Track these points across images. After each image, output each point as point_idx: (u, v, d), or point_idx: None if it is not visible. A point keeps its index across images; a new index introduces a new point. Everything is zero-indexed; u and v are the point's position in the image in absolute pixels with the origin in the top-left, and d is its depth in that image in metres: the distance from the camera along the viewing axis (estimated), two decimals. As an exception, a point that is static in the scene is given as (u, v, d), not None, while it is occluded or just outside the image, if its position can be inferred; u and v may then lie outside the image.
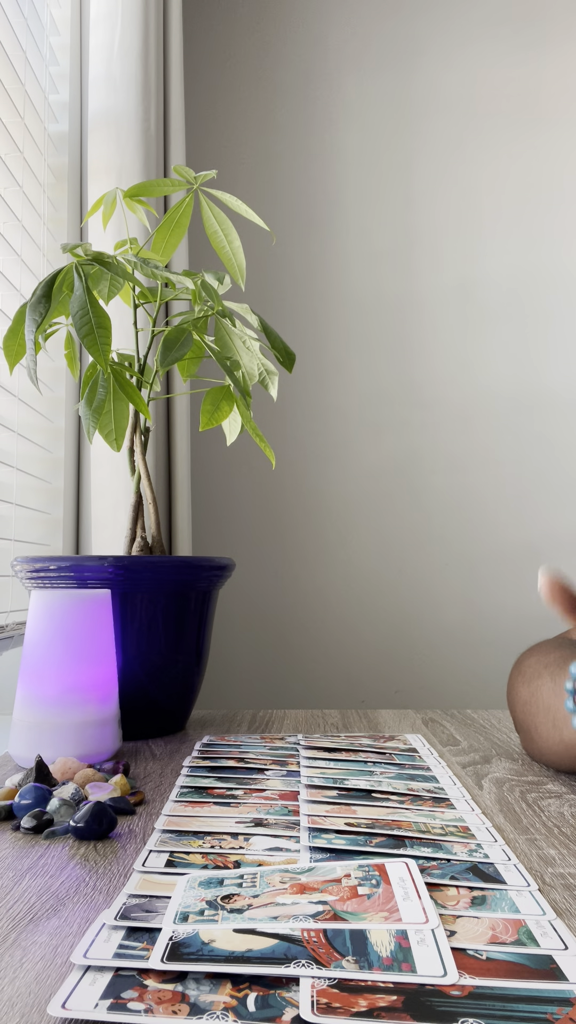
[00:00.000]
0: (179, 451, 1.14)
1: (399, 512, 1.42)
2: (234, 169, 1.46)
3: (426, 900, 0.37)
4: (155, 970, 0.31)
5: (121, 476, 1.02)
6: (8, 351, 0.75)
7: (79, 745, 0.62)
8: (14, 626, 0.93)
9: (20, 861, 0.45)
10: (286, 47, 1.48)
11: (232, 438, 0.88)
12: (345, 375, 1.44)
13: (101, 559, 0.73)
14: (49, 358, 1.09)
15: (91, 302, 0.70)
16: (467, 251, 1.46)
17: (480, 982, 0.31)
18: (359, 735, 0.76)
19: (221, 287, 0.84)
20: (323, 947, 0.33)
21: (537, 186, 1.46)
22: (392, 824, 0.49)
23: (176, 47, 1.19)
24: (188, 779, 0.60)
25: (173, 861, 0.43)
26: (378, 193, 1.46)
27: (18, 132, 0.96)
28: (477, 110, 1.47)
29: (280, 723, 0.83)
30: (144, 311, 0.92)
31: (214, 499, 1.42)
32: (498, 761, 0.67)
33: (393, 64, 1.47)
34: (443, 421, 1.44)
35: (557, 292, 1.44)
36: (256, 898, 0.37)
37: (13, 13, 0.96)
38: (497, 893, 0.39)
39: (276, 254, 1.44)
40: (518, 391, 1.43)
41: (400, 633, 1.40)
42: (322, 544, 1.42)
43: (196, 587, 0.78)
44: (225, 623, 1.37)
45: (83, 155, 1.13)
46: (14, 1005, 0.30)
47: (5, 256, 0.95)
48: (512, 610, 1.40)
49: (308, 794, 0.55)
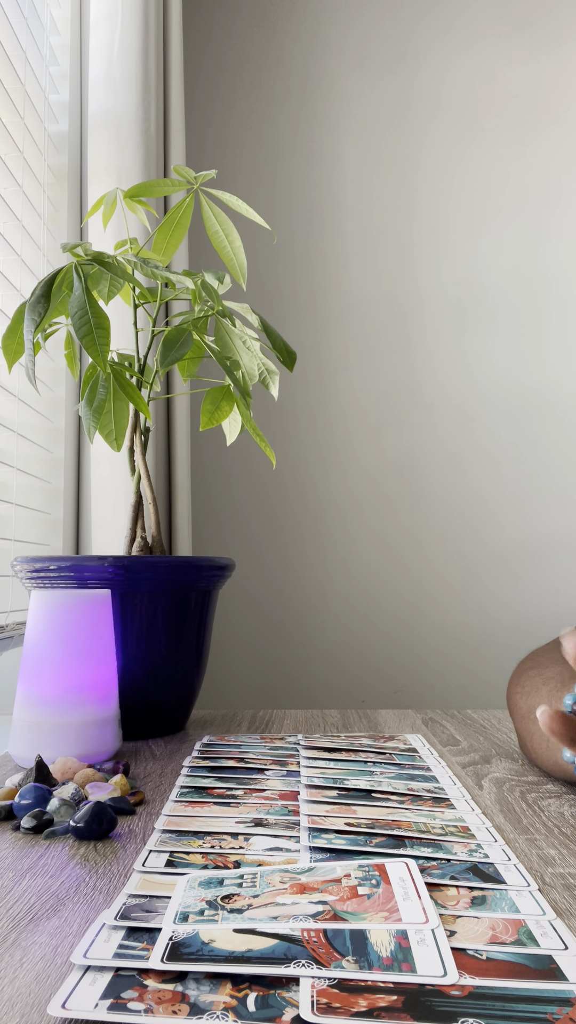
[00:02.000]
0: (179, 451, 1.14)
1: (399, 512, 1.42)
2: (234, 169, 1.46)
3: (426, 900, 0.37)
4: (155, 970, 0.31)
5: (121, 476, 1.02)
6: (7, 350, 0.74)
7: (79, 745, 0.62)
8: (14, 626, 0.93)
9: (20, 861, 0.45)
10: (286, 47, 1.48)
11: (232, 438, 0.88)
12: (345, 375, 1.44)
13: (101, 559, 0.73)
14: (49, 358, 1.09)
15: (90, 302, 0.70)
16: (467, 251, 1.46)
17: (480, 982, 0.31)
18: (359, 735, 0.76)
19: (221, 287, 0.84)
20: (323, 947, 0.33)
21: (537, 186, 1.46)
22: (392, 824, 0.49)
23: (176, 47, 1.19)
24: (188, 779, 0.60)
25: (173, 861, 0.43)
26: (378, 193, 1.46)
27: (18, 132, 0.96)
28: (477, 110, 1.47)
29: (280, 723, 0.83)
30: (144, 311, 0.92)
31: (214, 499, 1.42)
32: (498, 761, 0.67)
33: (393, 64, 1.47)
34: (443, 421, 1.44)
35: (557, 292, 1.44)
36: (256, 898, 0.37)
37: (13, 13, 0.96)
38: (497, 893, 0.39)
39: (276, 254, 1.44)
40: (518, 391, 1.43)
41: (400, 633, 1.40)
42: (322, 544, 1.42)
43: (196, 587, 0.78)
44: (225, 623, 1.37)
45: (83, 155, 1.13)
46: (14, 1005, 0.30)
47: (5, 256, 0.95)
48: (512, 610, 1.39)
49: (308, 794, 0.55)
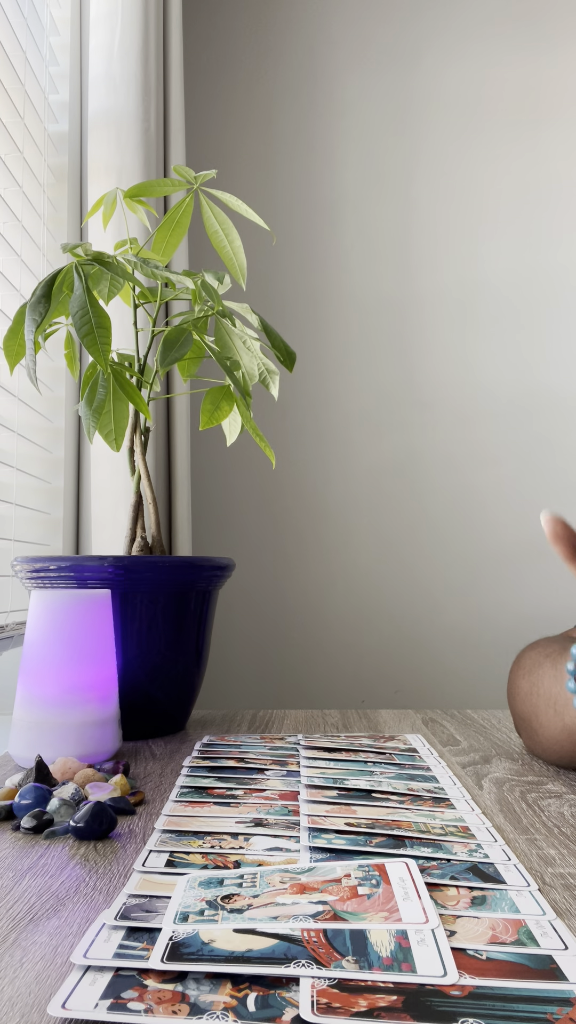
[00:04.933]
0: (179, 451, 1.14)
1: (399, 512, 1.42)
2: (234, 169, 1.46)
3: (426, 900, 0.37)
4: (155, 970, 0.31)
5: (121, 476, 1.02)
6: (8, 352, 0.74)
7: (79, 745, 0.62)
8: (14, 626, 0.93)
9: (20, 861, 0.45)
10: (286, 47, 1.48)
11: (232, 438, 0.88)
12: (345, 375, 1.44)
13: (101, 559, 0.73)
14: (49, 358, 1.09)
15: (91, 302, 0.70)
16: (467, 251, 1.45)
17: (480, 982, 0.31)
18: (359, 735, 0.76)
19: (221, 287, 0.84)
20: (323, 947, 0.33)
21: (537, 186, 1.45)
22: (392, 824, 0.49)
23: (176, 47, 1.19)
24: (188, 779, 0.60)
25: (173, 861, 0.43)
26: (378, 193, 1.46)
27: (18, 132, 0.96)
28: (477, 110, 1.47)
29: (280, 723, 0.83)
30: (144, 311, 0.92)
31: (214, 499, 1.42)
32: (498, 761, 0.67)
33: (393, 64, 1.47)
34: (443, 421, 1.44)
35: (557, 291, 1.44)
36: (256, 898, 0.37)
37: (13, 13, 0.96)
38: (497, 893, 0.39)
39: (276, 254, 1.44)
40: (518, 391, 1.43)
41: (400, 633, 1.40)
42: (322, 544, 1.42)
43: (196, 587, 0.78)
44: (225, 623, 1.37)
45: (83, 155, 1.13)
46: (14, 1005, 0.30)
47: (5, 256, 0.95)
48: (512, 610, 1.39)
49: (308, 794, 0.55)
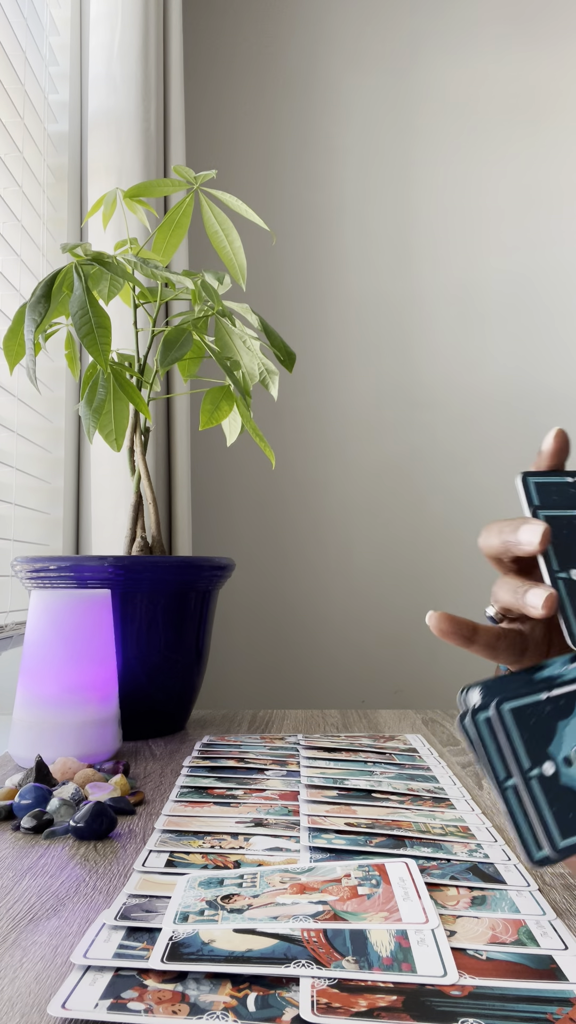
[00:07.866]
0: (179, 451, 1.14)
1: (399, 512, 1.42)
2: (234, 169, 1.46)
3: (426, 900, 0.37)
4: (155, 970, 0.31)
5: (121, 476, 1.02)
6: (8, 352, 0.74)
7: (79, 745, 0.62)
8: (14, 626, 0.92)
9: (20, 861, 0.45)
10: (286, 47, 1.48)
11: (232, 438, 0.88)
12: (345, 375, 1.44)
13: (101, 559, 0.73)
14: (49, 358, 1.09)
15: (91, 302, 0.70)
16: (467, 251, 1.45)
17: (480, 982, 0.31)
18: (359, 735, 0.76)
19: (221, 287, 0.84)
20: (323, 947, 0.33)
21: (537, 185, 1.45)
22: (392, 824, 0.49)
23: (176, 47, 1.19)
24: (188, 779, 0.60)
25: (173, 861, 0.43)
26: (378, 193, 1.46)
27: (18, 132, 0.96)
28: (477, 110, 1.47)
29: (280, 723, 0.83)
30: (144, 311, 0.92)
31: (214, 499, 1.42)
32: (498, 761, 0.67)
33: (393, 64, 1.47)
34: (443, 421, 1.44)
35: (557, 291, 1.44)
36: (256, 898, 0.37)
37: (13, 13, 0.96)
38: (497, 893, 0.39)
39: (276, 254, 1.44)
40: (518, 391, 1.43)
41: (400, 633, 1.40)
42: (322, 544, 1.42)
43: (196, 587, 0.78)
44: (225, 623, 1.37)
45: (83, 155, 1.13)
46: (14, 1005, 0.30)
47: (5, 256, 0.95)
48: (512, 610, 1.39)
49: (308, 794, 0.55)
